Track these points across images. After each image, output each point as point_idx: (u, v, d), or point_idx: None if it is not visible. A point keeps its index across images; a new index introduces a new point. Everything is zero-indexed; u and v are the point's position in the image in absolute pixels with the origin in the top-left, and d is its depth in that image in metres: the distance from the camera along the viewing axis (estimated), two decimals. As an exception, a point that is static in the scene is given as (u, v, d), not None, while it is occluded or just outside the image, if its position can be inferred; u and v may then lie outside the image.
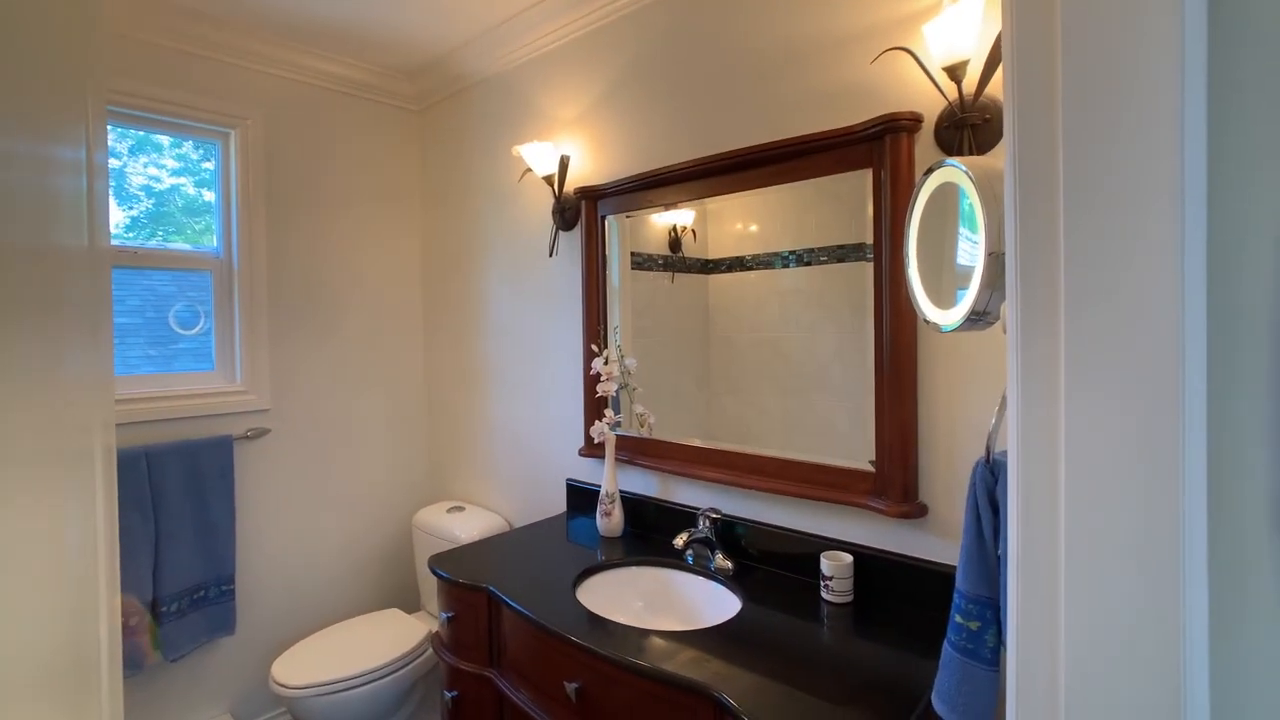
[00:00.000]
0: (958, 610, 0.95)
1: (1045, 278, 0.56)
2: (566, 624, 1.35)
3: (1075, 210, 0.54)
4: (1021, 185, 0.58)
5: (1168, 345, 0.49)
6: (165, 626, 1.99)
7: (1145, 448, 0.50)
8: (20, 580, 0.83)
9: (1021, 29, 0.57)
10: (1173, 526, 0.49)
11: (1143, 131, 0.49)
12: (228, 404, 2.22)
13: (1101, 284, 0.52)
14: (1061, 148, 0.54)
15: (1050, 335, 0.56)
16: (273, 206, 2.33)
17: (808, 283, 1.60)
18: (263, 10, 2.09)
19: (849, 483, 1.45)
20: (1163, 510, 0.49)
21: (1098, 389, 0.53)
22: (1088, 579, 0.53)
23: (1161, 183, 0.49)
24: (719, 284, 1.79)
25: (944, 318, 0.93)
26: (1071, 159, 0.54)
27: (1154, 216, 0.49)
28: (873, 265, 1.40)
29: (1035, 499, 0.58)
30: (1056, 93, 0.54)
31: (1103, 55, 0.51)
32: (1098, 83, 0.52)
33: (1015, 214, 0.59)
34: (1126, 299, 0.51)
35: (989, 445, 0.94)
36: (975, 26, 1.17)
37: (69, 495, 0.91)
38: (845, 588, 1.41)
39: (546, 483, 2.27)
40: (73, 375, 0.91)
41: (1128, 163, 0.50)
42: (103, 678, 0.96)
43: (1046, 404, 0.57)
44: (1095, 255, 0.53)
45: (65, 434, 0.91)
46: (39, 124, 0.87)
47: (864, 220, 1.45)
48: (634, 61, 1.92)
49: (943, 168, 0.95)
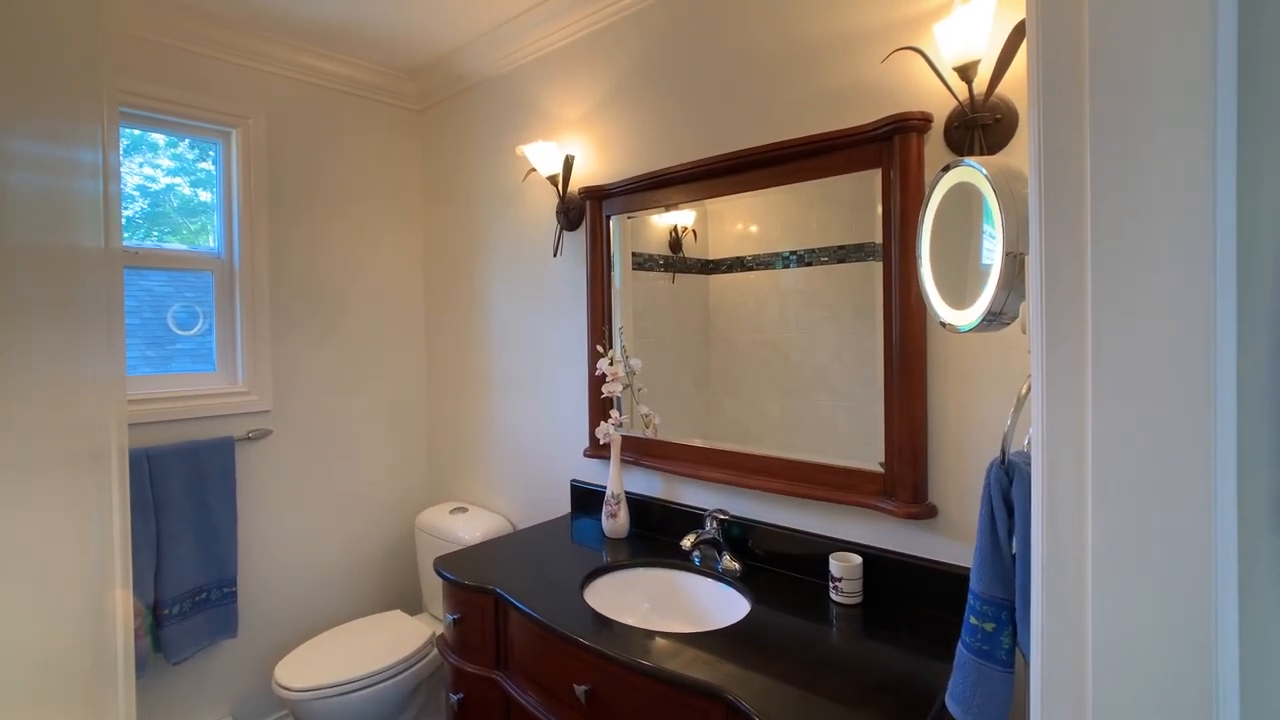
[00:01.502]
0: (972, 611, 0.95)
1: (1072, 279, 0.56)
2: (575, 626, 1.34)
3: (1103, 211, 0.53)
4: (1046, 186, 0.58)
5: (1199, 346, 0.48)
6: (167, 629, 1.97)
7: (1175, 450, 0.49)
8: (45, 581, 0.82)
9: (1047, 28, 0.57)
10: (1204, 528, 0.48)
11: (1173, 130, 0.49)
12: (229, 405, 2.21)
13: (1131, 285, 0.52)
14: (1089, 147, 0.54)
15: (1076, 338, 0.56)
16: (274, 206, 2.32)
17: (808, 283, 1.60)
18: (264, 9, 2.07)
19: (857, 483, 1.45)
20: (1193, 512, 0.48)
21: (1126, 391, 0.52)
22: (1115, 583, 0.53)
23: (1194, 181, 0.48)
24: (719, 284, 1.79)
25: (959, 318, 0.93)
26: (1099, 158, 0.53)
27: (1186, 216, 0.48)
28: (882, 265, 1.39)
29: (1060, 502, 0.57)
30: (1084, 92, 0.54)
31: (1132, 53, 0.51)
32: (1126, 81, 0.51)
33: (1040, 215, 0.59)
34: (1157, 300, 0.50)
35: (1004, 446, 0.93)
36: (987, 26, 1.16)
37: (88, 495, 0.91)
38: (854, 589, 1.41)
39: (550, 484, 2.26)
40: (90, 375, 0.92)
41: (1158, 161, 0.50)
42: (119, 678, 0.95)
43: (1072, 406, 0.56)
44: (1124, 256, 0.52)
45: (84, 434, 0.91)
46: (61, 127, 0.87)
47: (866, 220, 1.45)
48: (639, 61, 1.91)
49: (958, 167, 0.94)
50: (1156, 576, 0.50)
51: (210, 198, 2.28)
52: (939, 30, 1.22)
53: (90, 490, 0.91)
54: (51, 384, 0.84)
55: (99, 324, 0.92)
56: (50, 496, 0.84)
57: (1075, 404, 0.56)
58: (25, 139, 0.80)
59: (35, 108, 0.82)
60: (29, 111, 0.80)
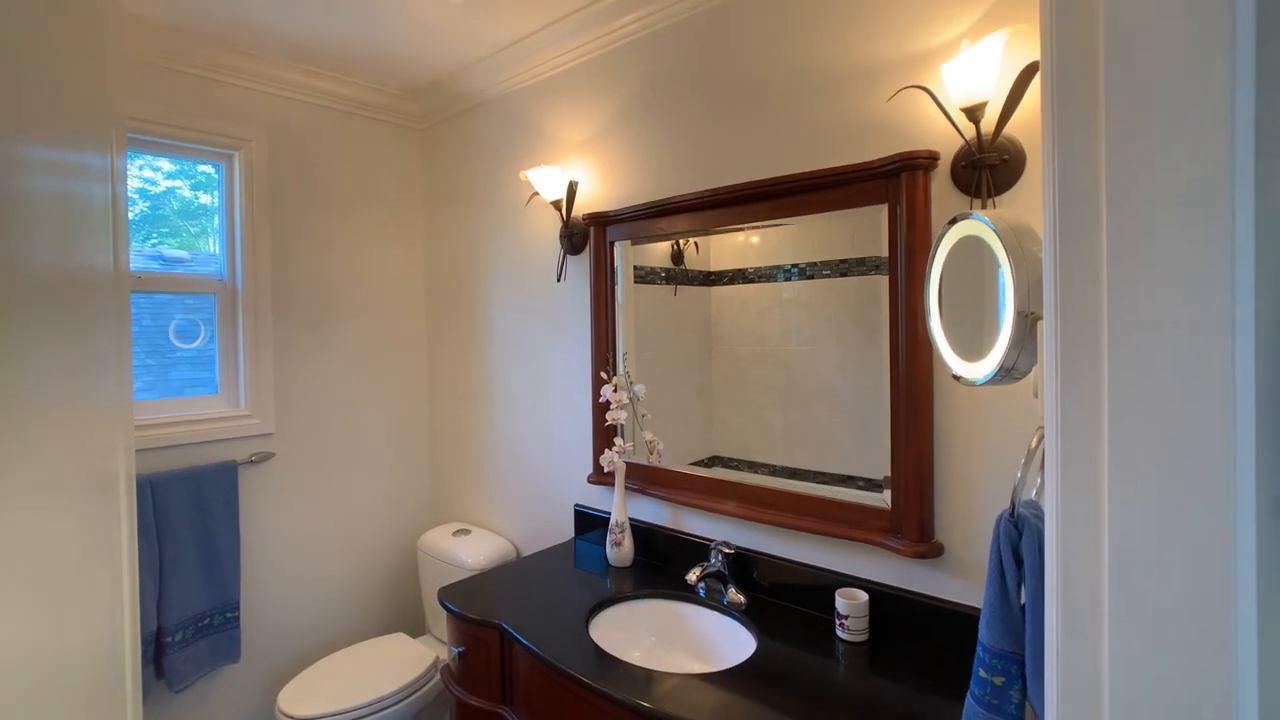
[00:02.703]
0: (981, 664, 0.94)
1: (1088, 348, 0.56)
2: (581, 665, 1.34)
3: (1120, 284, 0.53)
4: (1062, 255, 0.57)
5: (1219, 424, 0.48)
6: (170, 656, 1.97)
7: (1197, 519, 0.49)
8: (60, 603, 0.83)
9: (1063, 98, 0.56)
10: (1225, 593, 0.48)
11: (1196, 211, 0.48)
12: (232, 429, 2.20)
13: (1151, 359, 0.51)
14: (1105, 217, 0.53)
15: (1093, 413, 0.56)
16: (276, 227, 2.32)
17: (809, 295, 1.61)
18: (266, 31, 2.07)
19: (864, 519, 1.44)
20: (1215, 576, 0.48)
21: (1143, 473, 0.52)
22: (1135, 651, 0.53)
23: (1216, 263, 0.48)
24: (721, 296, 1.80)
25: (971, 371, 0.93)
26: (1116, 231, 0.53)
27: (1208, 294, 0.48)
28: (888, 305, 1.39)
29: (1076, 568, 0.57)
30: (1099, 159, 0.53)
31: (1148, 147, 0.50)
32: (1142, 162, 0.51)
33: (1055, 285, 0.58)
34: (1176, 373, 0.50)
35: (1014, 499, 0.93)
36: (994, 68, 1.16)
37: (100, 519, 0.91)
38: (861, 626, 1.40)
39: (554, 507, 2.26)
40: (100, 398, 0.92)
41: (1178, 236, 0.49)
42: (128, 700, 0.96)
43: (1088, 491, 0.56)
44: (1142, 329, 0.52)
45: (95, 457, 0.92)
46: (76, 151, 0.88)
47: (868, 236, 1.46)
48: (644, 87, 1.91)
49: (967, 220, 0.94)
50: (1177, 647, 0.50)
51: (210, 200, 2.27)
52: (946, 71, 1.22)
53: (103, 514, 0.92)
54: (63, 407, 0.84)
55: (109, 345, 0.93)
56: (61, 521, 0.84)
57: (1092, 492, 0.56)
58: (40, 158, 0.81)
59: (57, 129, 0.83)
60: (44, 134, 0.81)
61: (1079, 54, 0.55)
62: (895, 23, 1.39)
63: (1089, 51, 0.54)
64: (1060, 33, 0.56)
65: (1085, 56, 0.54)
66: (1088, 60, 0.54)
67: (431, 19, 1.98)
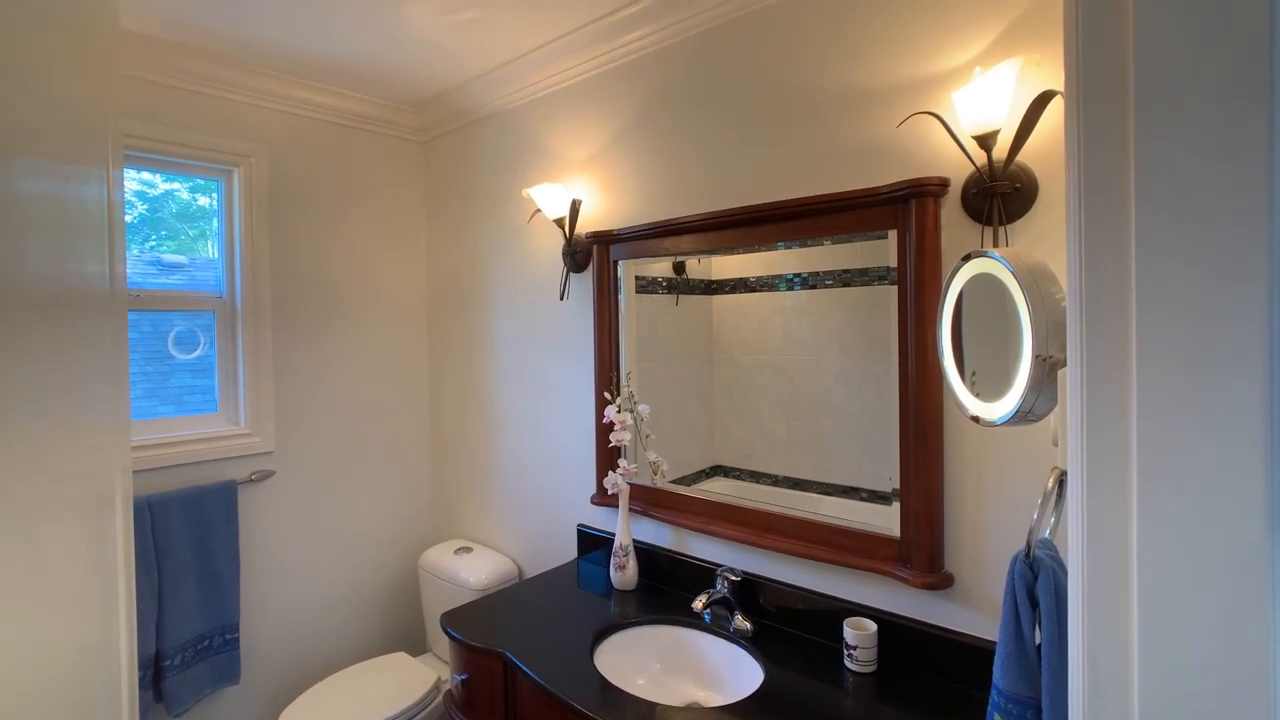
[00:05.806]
0: (996, 709, 0.93)
1: (1116, 401, 0.54)
2: (586, 696, 1.32)
3: (1150, 329, 0.51)
4: (1088, 304, 0.56)
5: (1254, 457, 0.47)
6: (169, 680, 1.94)
7: (1230, 565, 0.48)
8: (52, 630, 0.81)
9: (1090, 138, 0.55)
10: (1264, 645, 0.47)
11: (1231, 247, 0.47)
12: (232, 448, 2.18)
13: (1181, 402, 0.50)
14: (1135, 268, 0.52)
15: (1120, 471, 0.55)
16: (276, 243, 2.30)
17: (811, 305, 1.61)
18: (265, 48, 2.05)
19: (872, 548, 1.43)
20: (1249, 628, 0.47)
21: (1174, 537, 0.51)
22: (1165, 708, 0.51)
23: (1250, 307, 0.47)
24: (723, 305, 1.80)
25: (988, 412, 0.91)
26: (1146, 276, 0.52)
27: (1242, 329, 0.47)
28: (896, 333, 1.37)
29: (1103, 623, 0.56)
30: (1129, 201, 0.52)
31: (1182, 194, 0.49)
32: (1176, 195, 0.50)
33: (1080, 344, 0.57)
34: (1209, 411, 0.49)
35: (1029, 540, 0.91)
36: (1007, 96, 1.15)
37: (97, 542, 0.89)
38: (869, 657, 1.38)
39: (556, 526, 2.24)
40: (97, 418, 0.90)
41: (1209, 279, 0.48)
42: None
43: (1115, 554, 0.55)
44: (1172, 375, 0.51)
45: (92, 479, 0.90)
46: (72, 167, 0.86)
47: (870, 247, 1.46)
48: (648, 105, 1.89)
49: (981, 258, 0.92)
50: (1210, 703, 0.49)
51: (209, 203, 2.26)
52: (957, 98, 1.20)
53: (100, 537, 0.90)
54: (56, 427, 0.82)
55: (106, 363, 0.91)
56: (62, 544, 0.82)
57: (1120, 557, 0.55)
58: (34, 168, 0.79)
59: (54, 144, 0.82)
60: (38, 145, 0.79)
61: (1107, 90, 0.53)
62: (903, 49, 1.37)
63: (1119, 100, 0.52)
64: (1086, 70, 0.55)
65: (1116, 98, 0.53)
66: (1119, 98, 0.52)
67: (433, 34, 1.97)
